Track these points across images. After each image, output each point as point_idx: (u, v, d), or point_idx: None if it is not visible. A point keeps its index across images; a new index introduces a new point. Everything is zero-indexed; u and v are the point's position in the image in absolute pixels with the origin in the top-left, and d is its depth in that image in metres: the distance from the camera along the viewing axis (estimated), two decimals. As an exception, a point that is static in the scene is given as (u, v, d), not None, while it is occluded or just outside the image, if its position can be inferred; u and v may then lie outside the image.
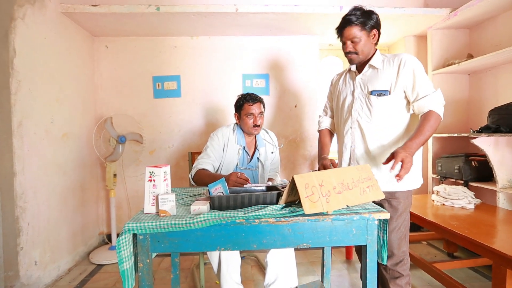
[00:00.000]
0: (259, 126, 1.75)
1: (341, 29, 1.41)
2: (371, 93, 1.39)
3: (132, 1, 2.40)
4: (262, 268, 2.21)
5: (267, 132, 1.94)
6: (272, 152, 1.89)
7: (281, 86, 2.89)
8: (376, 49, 1.44)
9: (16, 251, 1.79)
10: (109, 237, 2.74)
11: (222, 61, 2.84)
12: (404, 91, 1.36)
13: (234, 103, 1.83)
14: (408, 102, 1.38)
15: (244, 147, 1.80)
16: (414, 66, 1.34)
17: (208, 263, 2.16)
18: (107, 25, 2.49)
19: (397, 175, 1.18)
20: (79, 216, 2.44)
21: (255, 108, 1.73)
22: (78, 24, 2.45)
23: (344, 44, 1.43)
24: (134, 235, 1.07)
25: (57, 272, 2.13)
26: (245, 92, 1.84)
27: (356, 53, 1.40)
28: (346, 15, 1.38)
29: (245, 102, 1.74)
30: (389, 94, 1.36)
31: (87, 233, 2.59)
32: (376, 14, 1.39)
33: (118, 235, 1.18)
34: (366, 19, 1.35)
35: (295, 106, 2.89)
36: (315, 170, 1.22)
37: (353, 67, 1.50)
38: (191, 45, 2.81)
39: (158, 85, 2.81)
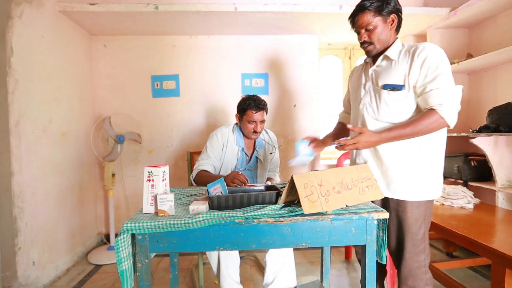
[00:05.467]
0: (258, 133, 1.75)
1: (353, 17, 1.27)
2: (384, 87, 1.24)
3: (131, -1, 2.39)
4: (261, 268, 2.20)
5: (267, 133, 1.94)
6: (271, 153, 1.89)
7: (280, 85, 2.88)
8: (397, 38, 1.28)
9: (14, 251, 1.78)
10: (107, 237, 2.73)
11: (221, 60, 2.83)
12: (414, 86, 1.19)
13: (237, 103, 1.81)
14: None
15: (243, 149, 1.80)
16: (430, 56, 1.15)
17: (207, 263, 2.15)
18: (105, 24, 2.48)
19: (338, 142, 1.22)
20: (77, 216, 2.43)
21: (258, 116, 1.71)
22: (76, 22, 2.44)
23: (358, 34, 1.28)
24: (133, 235, 1.06)
25: (55, 272, 2.12)
26: (244, 93, 1.83)
27: (372, 43, 1.26)
28: (360, 1, 1.24)
29: (248, 108, 1.71)
30: (404, 89, 1.20)
31: (86, 233, 2.58)
32: None
33: (116, 235, 1.18)
34: (382, 2, 1.20)
35: (295, 106, 2.89)
36: (315, 170, 1.22)
37: (370, 58, 1.36)
38: (190, 44, 2.80)
39: (157, 84, 2.79)
